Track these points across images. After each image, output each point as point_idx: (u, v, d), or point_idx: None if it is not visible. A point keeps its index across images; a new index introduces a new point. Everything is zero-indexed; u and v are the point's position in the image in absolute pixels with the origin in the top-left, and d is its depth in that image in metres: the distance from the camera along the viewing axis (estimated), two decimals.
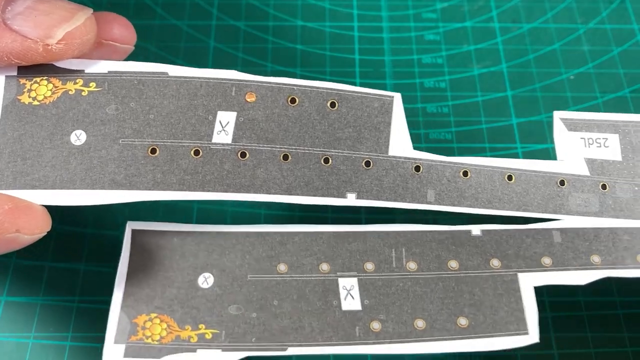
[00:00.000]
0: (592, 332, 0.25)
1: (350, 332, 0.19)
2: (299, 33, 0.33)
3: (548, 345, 0.24)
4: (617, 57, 0.32)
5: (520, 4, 0.34)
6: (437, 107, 0.30)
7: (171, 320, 0.20)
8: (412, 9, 0.34)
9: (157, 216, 0.26)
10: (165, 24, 0.33)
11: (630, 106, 0.31)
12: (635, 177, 0.22)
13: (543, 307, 0.25)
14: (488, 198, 0.21)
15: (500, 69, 0.32)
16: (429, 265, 0.21)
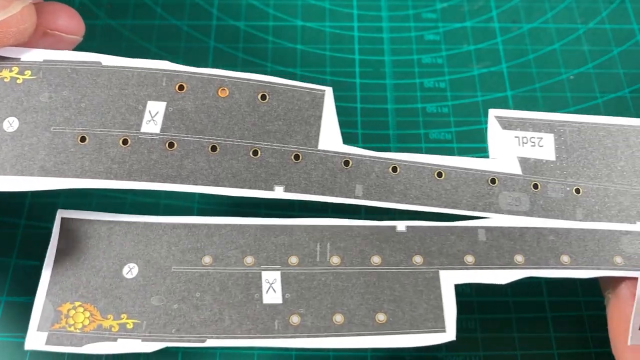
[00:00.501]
0: (591, 332, 0.25)
1: (269, 326, 0.20)
2: (299, 33, 0.33)
3: (548, 346, 0.24)
4: (617, 57, 0.32)
5: (520, 4, 0.34)
6: (437, 107, 0.30)
7: (94, 309, 0.20)
8: (412, 9, 0.34)
9: (91, 208, 0.26)
10: (165, 24, 0.33)
11: (630, 106, 0.31)
12: (567, 177, 0.21)
13: (543, 307, 0.25)
14: (416, 194, 0.21)
15: (500, 69, 0.32)
16: (352, 260, 0.21)
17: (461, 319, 0.25)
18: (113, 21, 0.32)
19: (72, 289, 0.20)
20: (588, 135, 0.22)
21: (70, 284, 0.20)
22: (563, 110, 0.30)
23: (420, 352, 0.24)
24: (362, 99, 0.31)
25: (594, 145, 0.22)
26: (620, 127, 0.22)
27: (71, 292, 0.20)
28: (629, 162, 0.22)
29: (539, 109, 0.30)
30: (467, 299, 0.25)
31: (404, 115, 0.30)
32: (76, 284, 0.20)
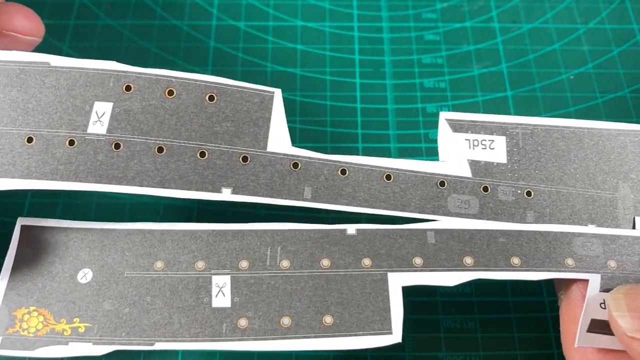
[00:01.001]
0: None
1: (217, 329, 0.20)
2: (299, 33, 0.33)
3: (548, 345, 0.24)
4: (617, 57, 0.32)
5: (520, 4, 0.34)
6: (437, 107, 0.30)
7: (48, 313, 0.20)
8: (412, 9, 0.34)
9: (57, 212, 0.26)
10: (165, 24, 0.33)
11: (630, 106, 0.31)
12: (519, 180, 0.21)
13: (543, 307, 0.25)
14: (365, 197, 0.21)
15: (500, 69, 0.32)
16: (302, 263, 0.21)
17: (461, 319, 0.25)
18: (113, 21, 0.32)
19: (27, 294, 0.20)
20: (541, 137, 0.22)
21: (26, 289, 0.20)
22: (563, 110, 0.30)
23: (420, 352, 0.24)
24: (362, 99, 0.31)
25: (547, 147, 0.22)
26: (575, 129, 0.22)
27: (27, 297, 0.20)
28: (582, 164, 0.22)
29: (539, 109, 0.30)
30: (467, 299, 0.25)
31: (404, 115, 0.30)
32: (32, 289, 0.20)
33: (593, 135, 0.22)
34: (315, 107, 0.30)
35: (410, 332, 0.25)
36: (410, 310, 0.25)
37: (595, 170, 0.22)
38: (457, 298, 0.25)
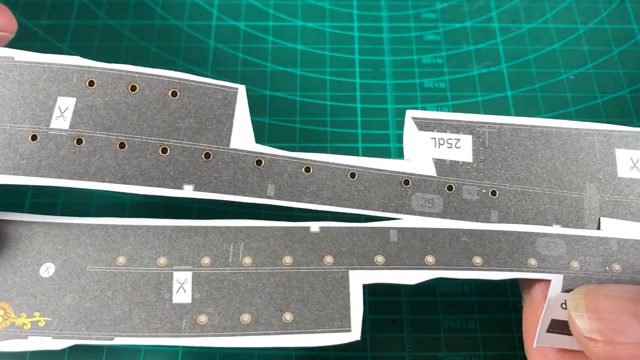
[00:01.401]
0: None
1: (177, 325, 0.20)
2: (299, 33, 0.33)
3: None
4: (617, 57, 0.32)
5: (520, 4, 0.34)
6: (437, 107, 0.30)
7: (9, 307, 0.20)
8: (412, 9, 0.34)
9: (57, 211, 0.27)
10: (165, 24, 0.33)
11: (630, 106, 0.31)
12: (484, 179, 0.21)
13: None
14: (329, 195, 0.21)
15: (500, 69, 0.32)
16: (264, 260, 0.21)
17: (461, 319, 0.25)
18: (113, 21, 0.32)
19: None
20: (508, 137, 0.22)
21: None
22: (563, 110, 0.30)
23: (420, 352, 0.24)
24: (362, 99, 0.31)
25: (514, 147, 0.22)
26: (543, 128, 0.22)
27: None
28: (549, 164, 0.22)
29: (539, 109, 0.30)
30: (468, 299, 0.25)
31: (404, 116, 0.30)
32: None
33: (561, 135, 0.22)
34: (315, 107, 0.30)
35: (410, 332, 0.25)
36: (410, 310, 0.25)
37: (563, 170, 0.22)
38: (457, 298, 0.25)
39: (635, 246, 0.20)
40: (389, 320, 0.25)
